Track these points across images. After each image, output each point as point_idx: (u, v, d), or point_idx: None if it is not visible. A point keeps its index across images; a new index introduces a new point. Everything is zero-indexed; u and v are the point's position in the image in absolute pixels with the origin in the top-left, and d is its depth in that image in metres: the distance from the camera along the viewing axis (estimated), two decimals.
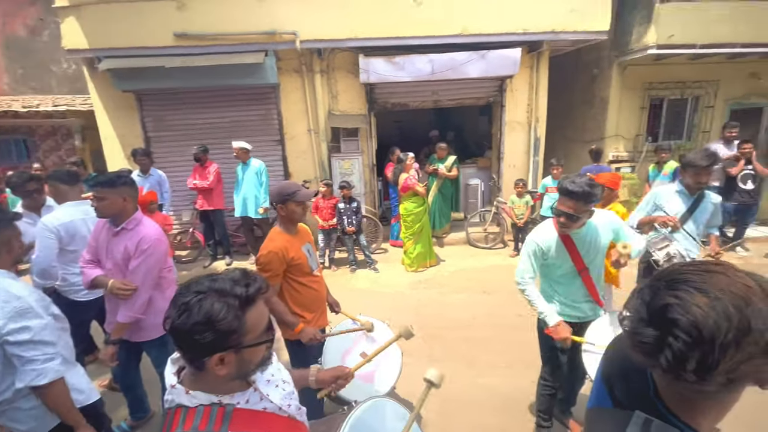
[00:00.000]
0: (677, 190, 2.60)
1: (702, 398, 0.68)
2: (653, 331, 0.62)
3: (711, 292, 0.60)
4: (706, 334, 0.58)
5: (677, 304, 0.61)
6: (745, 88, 6.29)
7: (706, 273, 0.64)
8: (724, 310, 0.58)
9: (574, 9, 5.22)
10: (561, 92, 7.17)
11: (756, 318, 0.58)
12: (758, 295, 0.60)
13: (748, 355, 0.58)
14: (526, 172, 6.18)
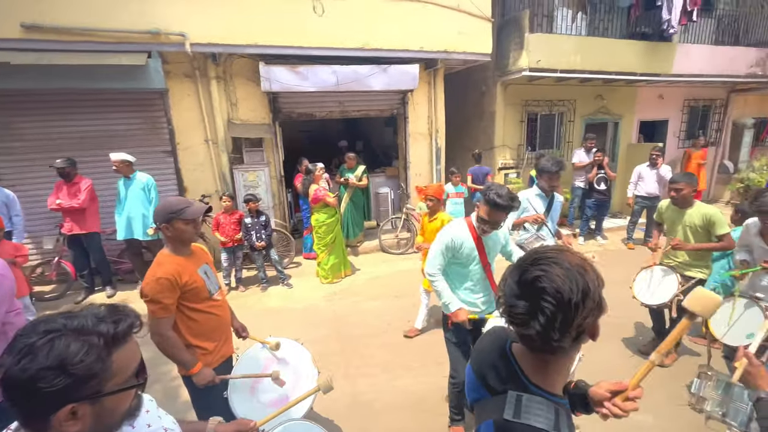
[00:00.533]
0: (536, 193, 3.07)
1: (554, 360, 0.84)
2: (525, 302, 0.76)
3: (564, 264, 0.76)
4: (566, 296, 0.73)
5: (543, 275, 0.75)
6: (594, 107, 7.71)
7: (559, 252, 0.81)
8: (574, 277, 0.74)
9: (461, 32, 5.79)
10: (458, 106, 7.88)
11: (591, 282, 0.76)
12: (589, 266, 0.79)
13: (588, 311, 0.75)
14: (430, 179, 6.60)
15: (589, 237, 6.82)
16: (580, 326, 0.75)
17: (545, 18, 6.25)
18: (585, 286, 0.74)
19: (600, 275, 0.80)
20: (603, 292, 0.79)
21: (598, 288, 0.77)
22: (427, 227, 3.82)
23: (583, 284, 0.74)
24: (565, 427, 0.79)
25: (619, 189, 8.27)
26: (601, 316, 0.79)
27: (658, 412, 2.75)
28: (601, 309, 0.77)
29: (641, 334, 3.81)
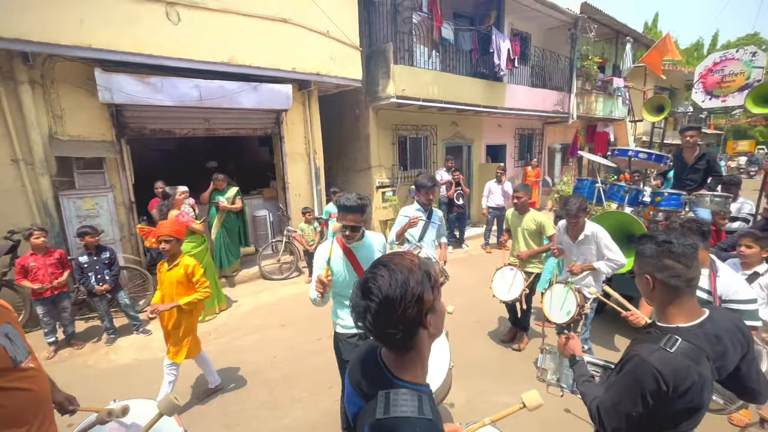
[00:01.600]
0: (416, 208, 3.33)
1: (409, 354, 0.93)
2: (362, 301, 0.86)
3: (390, 266, 0.88)
4: (384, 292, 0.84)
5: (372, 277, 0.87)
6: (451, 132, 8.88)
7: (393, 256, 0.93)
8: (396, 276, 0.86)
9: (332, 57, 5.99)
10: (336, 127, 8.06)
11: (412, 279, 0.86)
12: (417, 267, 0.90)
13: (408, 303, 0.84)
14: (311, 200, 6.51)
15: (456, 246, 7.71)
16: (406, 318, 0.85)
17: (406, 52, 6.98)
18: (405, 282, 0.85)
19: (431, 274, 0.91)
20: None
21: (421, 284, 0.87)
22: (165, 278, 2.83)
23: (403, 280, 0.85)
24: (428, 409, 0.88)
25: (475, 202, 9.63)
26: (428, 310, 0.89)
27: (517, 390, 3.18)
28: (423, 302, 0.86)
29: (502, 326, 4.40)
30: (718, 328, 1.23)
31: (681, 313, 1.25)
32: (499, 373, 3.54)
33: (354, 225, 2.18)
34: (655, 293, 1.28)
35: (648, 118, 5.76)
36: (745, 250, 2.81)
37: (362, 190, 7.67)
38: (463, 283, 5.90)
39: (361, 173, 7.71)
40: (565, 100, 10.40)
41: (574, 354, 1.60)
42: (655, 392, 1.14)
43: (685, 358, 1.14)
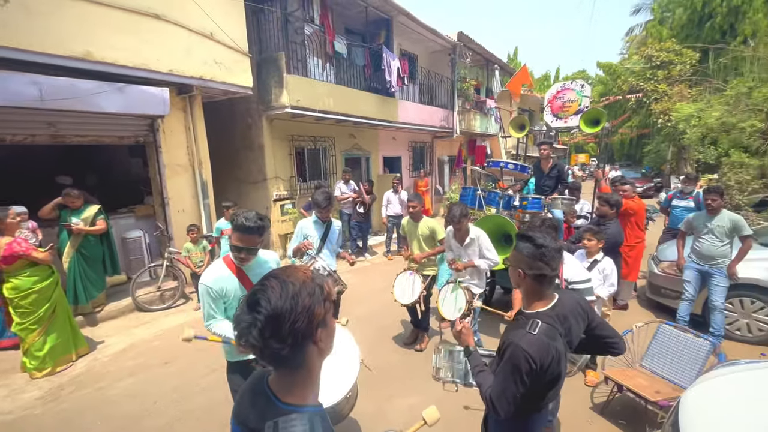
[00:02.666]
0: (314, 221, 3.28)
1: (298, 374, 0.88)
2: (247, 315, 0.80)
3: (282, 278, 0.85)
4: (273, 304, 0.79)
5: (261, 290, 0.82)
6: (349, 144, 9.03)
7: (286, 268, 0.91)
8: (286, 288, 0.82)
9: (218, 62, 5.55)
10: (227, 137, 7.45)
11: (303, 291, 0.84)
12: (309, 279, 0.87)
13: (297, 316, 0.80)
14: (197, 216, 5.85)
15: (359, 255, 7.81)
16: (295, 332, 0.81)
17: (300, 62, 6.88)
18: (296, 294, 0.82)
19: (323, 287, 0.89)
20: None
21: (312, 297, 0.84)
22: None
23: (294, 292, 0.82)
24: (320, 429, 0.86)
25: (377, 211, 9.94)
26: (319, 323, 0.86)
27: (422, 390, 3.32)
28: (314, 315, 0.84)
29: (406, 329, 4.57)
30: (565, 309, 1.50)
31: (540, 300, 1.51)
32: (405, 375, 3.65)
33: (250, 247, 2.00)
34: (524, 284, 1.52)
35: (513, 135, 6.76)
36: (586, 243, 3.47)
37: (259, 204, 7.23)
38: (366, 291, 5.99)
39: (257, 185, 7.27)
40: (449, 116, 11.55)
41: (468, 345, 1.73)
42: (529, 372, 1.35)
43: (544, 337, 1.38)
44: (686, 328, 3.14)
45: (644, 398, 2.77)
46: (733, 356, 3.72)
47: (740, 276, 3.92)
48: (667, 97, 15.61)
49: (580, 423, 3.00)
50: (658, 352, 3.10)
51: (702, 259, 4.05)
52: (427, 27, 9.68)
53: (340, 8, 8.24)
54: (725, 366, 2.27)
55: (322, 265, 2.95)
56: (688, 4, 19.92)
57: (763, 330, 4.06)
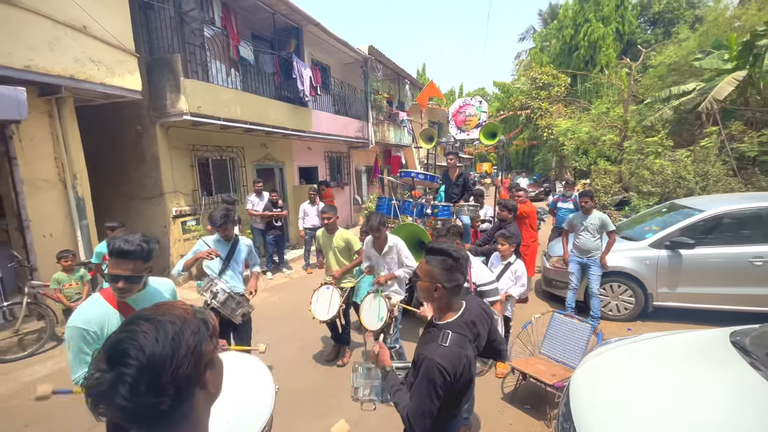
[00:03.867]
0: (216, 239, 2.98)
1: (182, 430, 0.73)
2: (108, 373, 0.65)
3: (155, 318, 0.71)
4: (149, 351, 0.66)
5: (127, 337, 0.68)
6: (261, 154, 8.56)
7: (156, 308, 0.77)
8: (163, 329, 0.70)
9: (95, 60, 4.79)
10: (112, 146, 6.46)
11: (186, 330, 0.72)
12: (191, 315, 0.76)
13: (181, 361, 0.69)
14: (73, 240, 4.92)
15: (276, 270, 7.40)
16: (178, 379, 0.68)
17: (199, 66, 6.33)
18: (176, 336, 0.70)
19: (208, 321, 0.78)
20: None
21: (197, 335, 0.74)
22: None
23: (174, 332, 0.70)
24: None
25: (294, 223, 9.58)
26: (206, 363, 0.75)
27: (345, 409, 3.21)
28: (201, 355, 0.73)
29: (327, 345, 4.42)
30: (473, 314, 1.56)
31: (450, 310, 1.54)
32: (326, 394, 3.51)
33: (131, 275, 1.69)
34: (438, 297, 1.51)
35: (423, 146, 7.13)
36: (500, 247, 3.75)
37: (154, 222, 6.40)
38: (285, 308, 5.68)
39: (152, 201, 6.43)
40: (364, 127, 11.74)
41: (385, 366, 1.68)
42: (443, 384, 1.36)
43: (455, 347, 1.40)
44: (572, 314, 3.58)
45: (543, 382, 3.07)
46: (608, 332, 4.37)
47: (609, 265, 4.65)
48: (549, 113, 18.15)
49: (492, 414, 3.20)
50: (553, 338, 3.48)
51: (581, 252, 4.71)
52: (338, 38, 9.75)
53: (245, 12, 7.84)
54: (601, 346, 2.63)
55: (222, 288, 2.65)
56: (560, 36, 23.64)
57: (628, 309, 4.87)
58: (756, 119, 9.85)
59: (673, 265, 4.65)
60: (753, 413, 1.65)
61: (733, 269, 4.45)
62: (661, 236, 4.78)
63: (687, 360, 2.16)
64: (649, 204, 8.74)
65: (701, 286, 4.59)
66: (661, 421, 1.73)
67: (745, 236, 4.55)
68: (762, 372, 1.80)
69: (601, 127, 13.44)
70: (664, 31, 23.05)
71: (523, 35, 30.94)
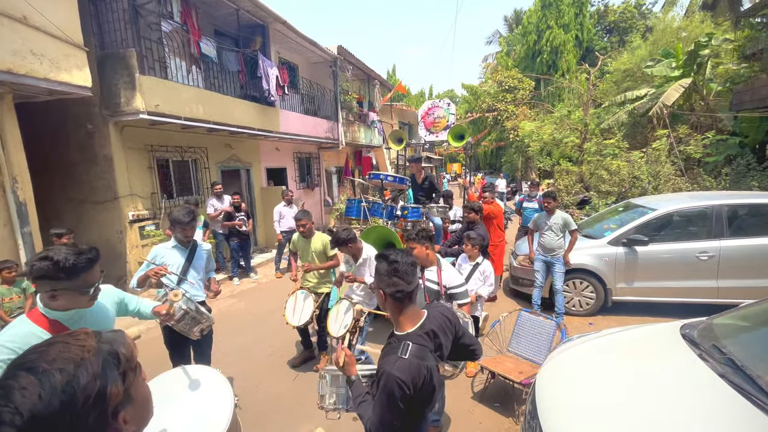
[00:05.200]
0: (173, 245, 2.80)
1: None
2: None
3: (40, 366, 0.60)
4: (29, 413, 0.56)
5: (1, 395, 0.57)
6: (226, 155, 8.25)
7: (47, 346, 0.64)
8: (49, 381, 0.59)
9: (38, 53, 4.42)
10: (58, 146, 5.99)
11: (86, 374, 0.61)
12: (91, 353, 0.64)
13: (83, 413, 0.59)
14: (13, 249, 4.51)
15: (243, 275, 7.15)
16: (75, 431, 0.59)
17: (157, 62, 6.00)
18: (66, 386, 0.59)
19: (119, 353, 0.68)
20: None
21: (100, 377, 0.63)
22: None
23: (65, 383, 0.59)
24: None
25: (262, 226, 9.30)
26: (118, 405, 0.65)
27: (315, 416, 3.13)
28: (106, 400, 0.63)
29: (298, 350, 4.30)
30: (434, 324, 1.53)
31: (408, 320, 1.51)
32: (295, 402, 3.41)
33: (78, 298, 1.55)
34: (388, 305, 1.50)
35: (393, 147, 7.13)
36: (465, 249, 3.79)
37: (108, 227, 6.01)
38: (253, 315, 5.49)
39: (106, 205, 6.02)
40: (334, 128, 11.61)
41: (350, 375, 1.64)
42: (402, 397, 1.33)
43: (415, 359, 1.37)
44: (538, 312, 3.68)
45: (511, 380, 3.13)
46: (572, 327, 4.53)
47: (572, 262, 4.84)
48: (514, 116, 18.75)
49: (462, 414, 3.22)
50: (520, 336, 3.56)
51: (545, 251, 4.86)
52: (305, 37, 9.58)
53: (207, 8, 7.53)
54: (565, 342, 2.71)
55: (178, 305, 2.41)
56: (524, 41, 24.52)
57: (589, 304, 5.08)
58: (700, 123, 10.64)
59: (629, 261, 4.90)
60: (703, 404, 1.74)
61: (682, 264, 4.75)
62: (618, 234, 5.02)
63: (642, 354, 2.27)
64: (607, 203, 9.21)
65: (655, 281, 4.87)
66: (620, 418, 1.80)
67: (692, 233, 4.88)
68: (709, 363, 1.91)
69: (563, 129, 14.04)
70: (618, 39, 24.46)
71: (489, 39, 31.85)
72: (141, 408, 0.71)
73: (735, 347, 1.97)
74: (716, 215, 4.72)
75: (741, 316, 2.33)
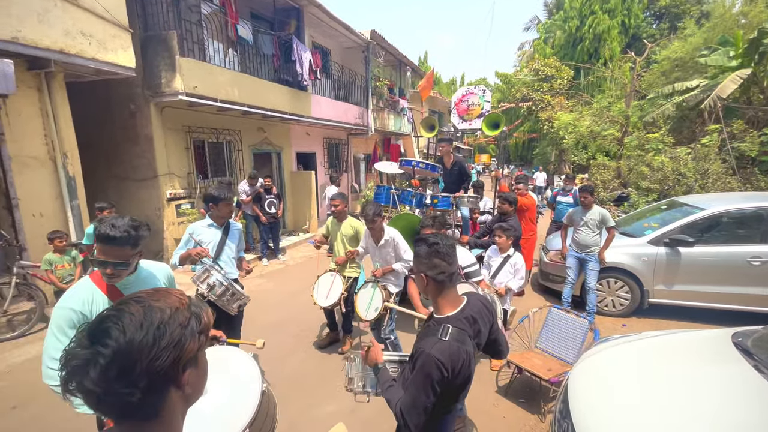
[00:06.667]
0: (209, 223, 2.88)
1: (150, 429, 0.68)
2: (86, 350, 0.62)
3: (147, 302, 0.69)
4: (129, 335, 0.62)
5: (114, 315, 0.65)
6: (258, 138, 8.40)
7: (154, 291, 0.74)
8: (150, 316, 0.66)
9: (86, 33, 4.60)
10: (104, 125, 6.29)
11: (173, 322, 0.68)
12: (185, 306, 0.72)
13: (159, 352, 0.64)
14: (63, 221, 4.81)
15: (272, 257, 7.33)
16: (153, 371, 0.64)
17: (196, 45, 6.12)
18: (163, 323, 0.66)
19: (201, 317, 0.74)
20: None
21: (185, 328, 0.69)
22: None
23: (160, 321, 0.66)
24: None
25: (292, 210, 9.48)
26: (187, 362, 0.70)
27: (341, 398, 3.19)
28: (183, 350, 0.67)
29: (323, 332, 4.38)
30: (474, 311, 1.50)
31: (448, 304, 1.49)
32: (320, 383, 3.48)
33: (117, 262, 1.63)
34: (429, 288, 1.49)
35: (424, 135, 7.01)
36: (498, 240, 3.70)
37: (148, 204, 6.29)
38: (280, 295, 5.63)
39: (146, 183, 6.29)
40: (364, 114, 11.55)
41: (377, 362, 1.65)
42: (440, 380, 1.32)
43: (455, 342, 1.35)
44: (569, 309, 3.56)
45: (539, 377, 3.06)
46: (603, 328, 4.37)
47: (607, 261, 4.63)
48: (550, 106, 17.99)
49: (486, 407, 3.19)
50: (549, 333, 3.46)
51: (579, 247, 4.67)
52: (339, 21, 9.49)
53: None
54: (601, 343, 2.60)
55: (218, 279, 2.54)
56: (565, 28, 23.29)
57: (623, 304, 4.87)
58: (758, 118, 9.81)
59: (670, 262, 4.63)
60: (756, 416, 1.63)
61: (730, 268, 4.44)
62: (660, 233, 4.75)
63: (688, 360, 2.14)
64: (647, 200, 8.72)
65: (698, 284, 4.58)
66: (661, 423, 1.71)
67: (744, 236, 4.54)
68: (765, 375, 1.77)
69: (602, 121, 13.34)
70: (669, 26, 22.77)
71: (527, 25, 30.45)
72: (201, 374, 0.74)
73: None
74: None
75: None
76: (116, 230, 1.58)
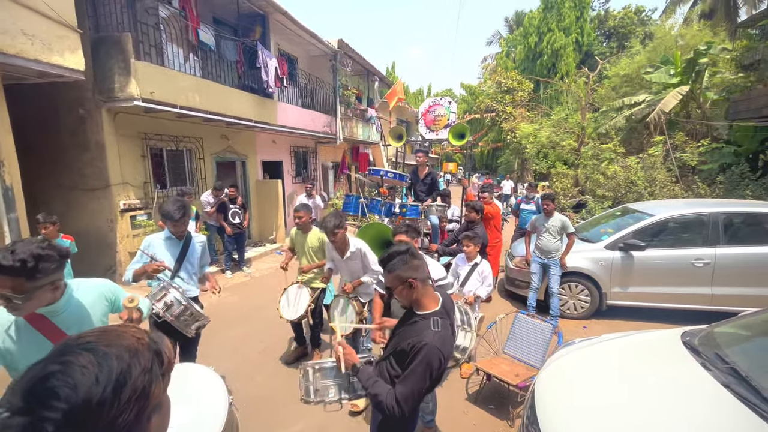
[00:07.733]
0: (166, 236, 2.70)
1: None
2: (23, 418, 0.50)
3: (97, 348, 0.58)
4: (86, 393, 0.52)
5: (60, 371, 0.54)
6: (221, 146, 8.11)
7: (102, 333, 0.63)
8: (108, 364, 0.56)
9: (28, 34, 4.26)
10: (46, 130, 5.83)
11: (138, 366, 0.59)
12: (144, 346, 0.62)
13: (124, 405, 0.56)
14: None
15: (236, 269, 7.05)
16: (113, 427, 0.55)
17: (153, 48, 5.85)
18: (121, 375, 0.56)
19: (162, 353, 0.65)
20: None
21: (148, 373, 0.60)
22: None
23: (118, 372, 0.56)
24: None
25: (257, 219, 9.19)
26: (153, 409, 0.62)
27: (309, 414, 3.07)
28: (148, 399, 0.60)
29: (290, 346, 4.24)
30: (447, 304, 1.70)
31: (432, 300, 1.64)
32: (288, 399, 3.34)
33: (10, 295, 1.33)
34: (416, 290, 1.60)
35: (393, 144, 7.06)
36: (466, 249, 3.74)
37: (98, 216, 5.87)
38: (245, 309, 5.40)
39: (96, 193, 5.87)
40: (332, 122, 11.49)
41: (354, 363, 1.67)
42: (439, 368, 1.49)
43: (446, 332, 1.54)
44: (534, 314, 3.65)
45: (506, 382, 3.10)
46: (566, 330, 4.52)
47: (568, 265, 4.83)
48: (512, 117, 18.77)
49: (456, 415, 3.19)
50: (516, 338, 3.53)
51: (542, 253, 4.84)
52: (306, 29, 9.44)
53: None
54: (565, 347, 2.68)
55: (176, 297, 2.33)
56: (525, 43, 24.53)
57: (584, 307, 5.08)
58: (696, 131, 10.72)
59: (625, 265, 4.90)
60: (706, 412, 1.72)
61: (677, 270, 4.77)
62: (615, 238, 5.02)
63: (645, 361, 2.24)
64: (603, 207, 9.24)
65: (650, 286, 4.88)
66: (622, 423, 1.76)
67: (688, 239, 4.89)
68: (712, 372, 1.88)
69: (560, 132, 14.07)
70: (618, 44, 24.57)
71: (490, 40, 31.83)
72: (165, 415, 0.66)
73: (738, 357, 1.95)
74: (712, 223, 4.74)
75: (742, 325, 2.32)
76: (9, 258, 1.29)
